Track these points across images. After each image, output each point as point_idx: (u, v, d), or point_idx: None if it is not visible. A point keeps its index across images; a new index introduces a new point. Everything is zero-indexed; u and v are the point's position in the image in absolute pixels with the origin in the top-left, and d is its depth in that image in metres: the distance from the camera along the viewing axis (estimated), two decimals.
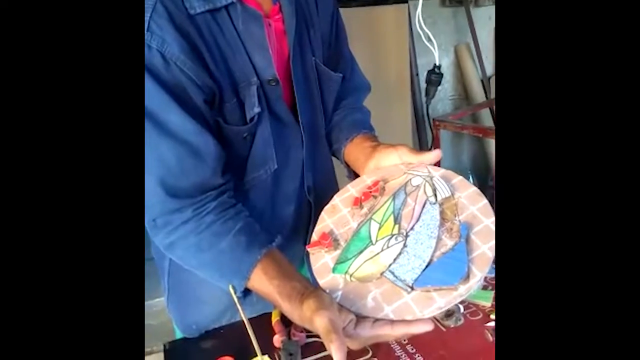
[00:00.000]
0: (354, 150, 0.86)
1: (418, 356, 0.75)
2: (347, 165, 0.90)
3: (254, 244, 0.71)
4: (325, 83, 0.87)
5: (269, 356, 0.78)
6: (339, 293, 0.65)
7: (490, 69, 2.75)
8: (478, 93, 2.65)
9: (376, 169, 0.79)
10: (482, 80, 2.66)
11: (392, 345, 0.78)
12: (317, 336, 0.82)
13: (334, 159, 0.96)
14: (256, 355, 0.70)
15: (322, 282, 0.68)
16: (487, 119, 2.64)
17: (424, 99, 2.29)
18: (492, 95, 2.62)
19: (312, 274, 0.71)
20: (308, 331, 0.83)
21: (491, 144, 2.58)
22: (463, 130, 2.24)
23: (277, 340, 0.79)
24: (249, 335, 0.68)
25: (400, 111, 2.10)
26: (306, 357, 0.77)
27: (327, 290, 0.66)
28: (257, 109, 0.72)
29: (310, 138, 0.85)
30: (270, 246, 0.72)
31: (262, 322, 0.84)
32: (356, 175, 0.83)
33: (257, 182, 0.80)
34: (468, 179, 2.78)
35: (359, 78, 0.99)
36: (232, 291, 0.66)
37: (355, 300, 0.64)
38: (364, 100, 0.99)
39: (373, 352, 0.77)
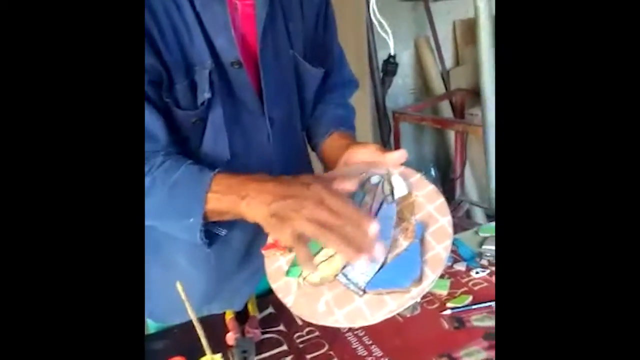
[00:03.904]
0: (329, 146, 0.84)
1: (374, 347, 0.74)
2: (323, 162, 0.87)
3: (204, 169, 0.67)
4: (303, 77, 0.85)
5: (223, 354, 0.76)
6: (291, 298, 0.63)
7: (449, 62, 2.78)
8: (438, 86, 2.67)
9: (338, 167, 0.77)
10: (441, 74, 2.68)
11: (348, 338, 0.77)
12: (273, 332, 0.81)
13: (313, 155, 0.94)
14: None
15: (275, 285, 0.65)
16: (447, 112, 2.66)
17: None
18: (451, 87, 2.65)
19: None
20: (263, 327, 0.81)
21: (451, 136, 2.61)
22: (422, 121, 2.26)
23: (231, 338, 0.77)
24: (200, 330, 0.65)
25: (359, 103, 2.09)
26: (261, 354, 0.75)
27: (280, 295, 0.64)
28: (207, 94, 0.69)
29: (283, 132, 0.82)
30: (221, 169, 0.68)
31: (216, 321, 0.81)
32: None
33: None
34: (430, 172, 2.79)
35: (347, 74, 0.97)
36: (179, 288, 0.63)
37: (307, 305, 0.61)
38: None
39: (329, 346, 0.76)
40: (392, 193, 0.68)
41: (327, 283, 0.62)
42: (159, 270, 0.83)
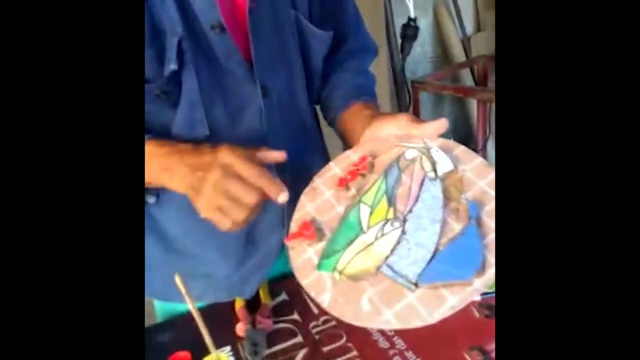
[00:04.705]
0: (349, 119, 0.74)
1: (397, 339, 0.68)
2: (343, 138, 0.78)
3: None
4: (309, 42, 0.75)
5: (232, 347, 0.70)
6: (326, 296, 0.54)
7: (469, 28, 2.65)
8: (458, 54, 2.55)
9: (363, 143, 0.68)
10: (462, 40, 2.56)
11: (368, 328, 0.70)
12: (286, 322, 0.75)
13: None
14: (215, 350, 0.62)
15: (305, 282, 0.56)
16: (467, 80, 2.55)
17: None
18: (472, 54, 2.53)
19: None
20: (275, 316, 0.75)
21: (472, 105, 2.49)
22: (443, 91, 2.16)
23: (241, 328, 0.71)
24: (204, 328, 0.59)
25: (376, 73, 2.00)
26: (273, 346, 0.69)
27: (312, 293, 0.55)
28: (173, 66, 0.61)
29: (281, 106, 0.73)
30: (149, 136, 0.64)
31: (224, 310, 0.75)
32: None
33: None
34: None
35: (365, 39, 0.86)
36: (178, 281, 0.57)
37: (347, 305, 0.53)
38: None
39: (347, 337, 0.69)
40: (434, 169, 0.59)
41: (368, 277, 0.53)
42: (157, 246, 0.76)
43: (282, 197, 0.56)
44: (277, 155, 0.62)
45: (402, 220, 0.56)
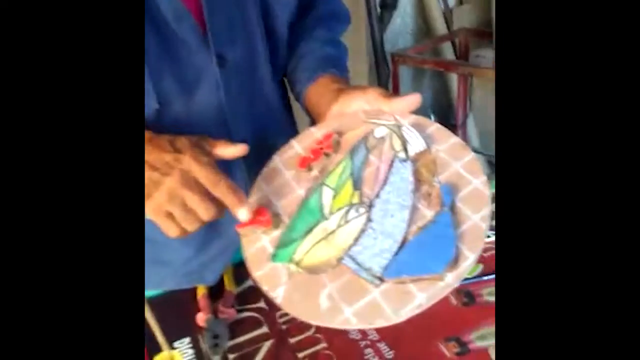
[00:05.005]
0: (316, 93, 0.68)
1: (370, 330, 0.64)
2: (310, 115, 0.71)
3: None
4: (272, 7, 0.69)
5: (192, 338, 0.65)
6: (280, 291, 0.49)
7: (452, 0, 2.59)
8: (440, 26, 2.49)
9: (329, 119, 0.63)
10: (444, 13, 2.50)
11: None
12: (251, 310, 0.70)
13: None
14: (171, 344, 0.57)
15: (257, 274, 0.51)
16: (449, 54, 2.49)
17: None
18: (454, 27, 2.47)
19: None
20: (240, 304, 0.70)
21: (453, 80, 2.45)
22: (424, 64, 2.10)
23: (201, 318, 0.66)
24: (155, 325, 0.54)
25: (354, 45, 1.93)
26: (236, 337, 0.64)
27: (265, 288, 0.50)
28: None
29: (241, 77, 0.67)
30: None
31: (184, 298, 0.70)
32: None
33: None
34: (429, 118, 2.68)
35: (336, 5, 0.80)
36: None
37: (303, 301, 0.48)
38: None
39: (317, 328, 0.65)
40: (404, 149, 0.54)
41: (328, 269, 0.49)
42: None
43: (243, 213, 0.51)
44: (238, 151, 0.55)
45: (368, 205, 0.51)
